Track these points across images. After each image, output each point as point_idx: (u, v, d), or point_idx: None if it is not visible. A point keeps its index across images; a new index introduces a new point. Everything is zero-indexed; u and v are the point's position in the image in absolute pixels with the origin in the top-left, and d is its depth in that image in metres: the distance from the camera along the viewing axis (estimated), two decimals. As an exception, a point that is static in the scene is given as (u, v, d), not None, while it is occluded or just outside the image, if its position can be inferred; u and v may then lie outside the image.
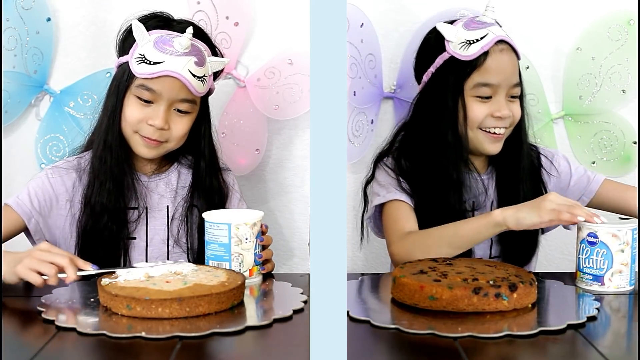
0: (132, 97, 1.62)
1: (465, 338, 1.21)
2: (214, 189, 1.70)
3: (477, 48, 1.66)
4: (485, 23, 1.70)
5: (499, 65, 1.67)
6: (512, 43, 1.70)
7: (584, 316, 1.30)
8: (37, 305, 1.35)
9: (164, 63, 1.58)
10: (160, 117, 1.60)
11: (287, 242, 2.07)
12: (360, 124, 1.98)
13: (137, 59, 1.60)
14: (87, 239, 1.64)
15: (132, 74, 1.61)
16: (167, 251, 1.69)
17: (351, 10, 1.90)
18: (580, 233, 1.47)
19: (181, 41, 1.59)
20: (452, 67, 1.69)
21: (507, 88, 1.69)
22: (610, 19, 2.00)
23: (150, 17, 1.66)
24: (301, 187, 2.05)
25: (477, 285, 1.31)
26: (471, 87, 1.68)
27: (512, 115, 1.70)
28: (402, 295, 1.36)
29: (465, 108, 1.68)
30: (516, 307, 1.32)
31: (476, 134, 1.70)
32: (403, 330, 1.24)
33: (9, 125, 1.97)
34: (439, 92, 1.71)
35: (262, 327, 1.26)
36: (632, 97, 2.02)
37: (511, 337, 1.22)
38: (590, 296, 1.42)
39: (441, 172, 1.69)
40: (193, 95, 1.62)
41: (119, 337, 1.21)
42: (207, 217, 1.49)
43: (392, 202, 1.69)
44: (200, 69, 1.61)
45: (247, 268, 1.48)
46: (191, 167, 1.72)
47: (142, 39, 1.60)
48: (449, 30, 1.70)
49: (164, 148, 1.66)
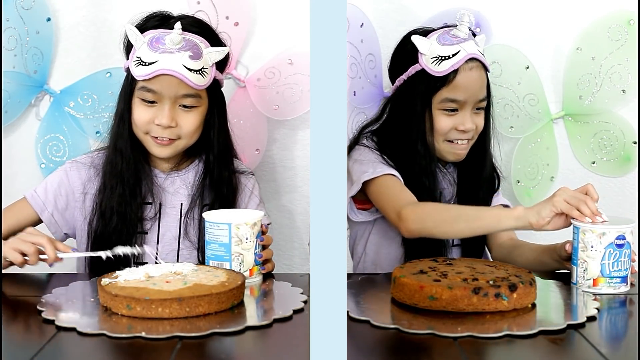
0: (137, 100, 1.64)
1: (465, 338, 1.21)
2: (222, 180, 1.70)
3: (448, 65, 1.71)
4: (458, 38, 1.73)
5: (468, 82, 1.72)
6: (482, 60, 1.74)
7: (584, 316, 1.30)
8: (37, 305, 1.35)
9: (158, 62, 1.59)
10: (166, 116, 1.62)
11: (287, 242, 2.07)
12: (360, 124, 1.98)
13: (135, 62, 1.62)
14: (97, 241, 1.65)
15: (134, 78, 1.62)
16: (177, 248, 1.69)
17: (351, 10, 1.90)
18: (603, 239, 1.44)
19: (172, 38, 1.59)
20: (423, 79, 1.74)
21: (473, 103, 1.74)
22: (610, 19, 2.00)
23: (150, 18, 1.66)
24: (301, 187, 2.06)
25: (477, 285, 1.31)
26: (439, 101, 1.73)
27: (475, 127, 1.75)
28: (402, 295, 1.36)
29: (432, 120, 1.73)
30: (516, 307, 1.32)
31: (441, 144, 1.76)
32: (403, 330, 1.24)
33: (9, 125, 1.97)
34: (409, 100, 1.76)
35: (262, 327, 1.26)
36: (632, 97, 2.02)
37: (511, 337, 1.22)
38: (590, 296, 1.42)
39: (414, 179, 1.73)
40: (194, 90, 1.62)
41: (119, 337, 1.21)
42: (207, 217, 1.49)
43: (384, 177, 1.71)
44: (196, 62, 1.61)
45: (247, 268, 1.48)
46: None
47: (137, 41, 1.62)
48: (423, 43, 1.74)
49: (178, 146, 1.66)
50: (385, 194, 1.70)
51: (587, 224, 1.45)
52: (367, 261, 1.83)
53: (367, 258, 1.82)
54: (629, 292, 1.45)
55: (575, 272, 1.47)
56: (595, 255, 1.44)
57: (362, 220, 1.80)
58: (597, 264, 1.44)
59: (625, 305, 1.41)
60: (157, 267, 1.42)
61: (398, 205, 1.64)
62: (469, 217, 1.57)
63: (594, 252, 1.44)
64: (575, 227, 1.47)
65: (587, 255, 1.45)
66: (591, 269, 1.45)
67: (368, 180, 1.71)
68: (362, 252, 1.83)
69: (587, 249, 1.45)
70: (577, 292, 1.45)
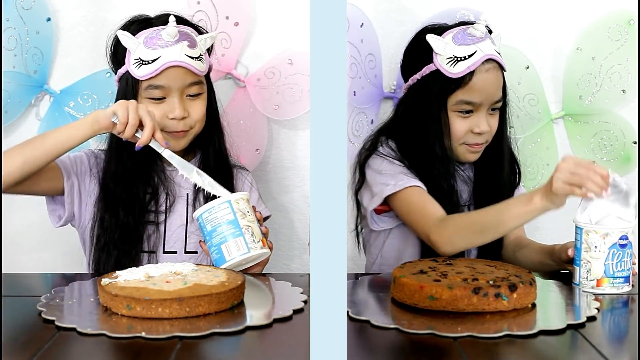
0: (144, 101, 1.65)
1: (465, 338, 1.21)
2: (222, 168, 1.73)
3: (464, 67, 1.68)
4: (475, 37, 1.69)
5: (484, 84, 1.69)
6: (498, 60, 1.70)
7: (584, 316, 1.30)
8: (37, 305, 1.35)
9: (161, 57, 1.63)
10: (178, 108, 1.65)
11: (287, 242, 2.07)
12: (360, 124, 1.98)
13: (135, 64, 1.64)
14: (100, 243, 1.67)
15: (135, 80, 1.64)
16: (185, 236, 1.71)
17: (351, 10, 1.90)
18: (606, 239, 1.44)
19: (169, 31, 1.63)
20: (438, 80, 1.71)
21: (489, 105, 1.71)
22: (610, 19, 2.00)
23: (130, 24, 1.70)
24: (301, 187, 2.06)
25: (477, 285, 1.31)
26: (454, 102, 1.70)
27: (490, 129, 1.73)
28: (402, 295, 1.36)
29: (448, 122, 1.71)
30: (516, 307, 1.32)
31: (457, 147, 1.74)
32: (403, 330, 1.24)
33: (9, 125, 1.97)
34: (423, 102, 1.73)
35: (262, 327, 1.26)
36: (632, 97, 2.02)
37: (511, 337, 1.22)
38: (590, 296, 1.42)
39: (433, 182, 1.70)
40: (198, 77, 1.67)
41: (119, 337, 1.21)
42: (202, 208, 1.49)
43: (407, 190, 1.68)
44: (194, 50, 1.66)
45: (259, 238, 1.49)
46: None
47: (131, 44, 1.65)
48: (438, 43, 1.70)
49: (190, 134, 1.70)
50: (410, 211, 1.68)
51: (590, 225, 1.44)
52: (389, 258, 1.80)
53: (387, 256, 1.80)
54: (630, 292, 1.45)
55: (578, 273, 1.47)
56: (599, 255, 1.44)
57: (383, 228, 1.78)
58: (601, 264, 1.44)
59: (625, 306, 1.41)
60: (157, 267, 1.42)
61: (425, 226, 1.62)
62: (493, 224, 1.53)
63: (597, 253, 1.44)
64: (578, 227, 1.46)
65: (591, 255, 1.45)
66: (595, 270, 1.45)
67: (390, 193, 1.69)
68: (377, 253, 1.81)
69: (590, 250, 1.45)
70: (578, 292, 1.45)
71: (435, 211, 1.64)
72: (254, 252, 1.48)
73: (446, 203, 1.67)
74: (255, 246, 1.49)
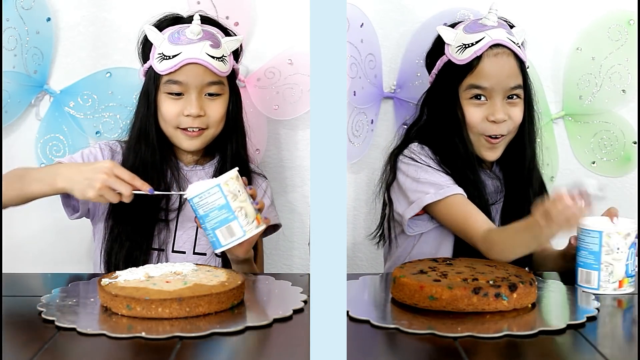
0: (163, 95, 1.68)
1: (465, 338, 1.21)
2: (232, 155, 1.73)
3: (470, 52, 1.68)
4: (485, 26, 1.70)
5: (492, 69, 1.68)
6: (511, 47, 1.70)
7: (584, 316, 1.30)
8: (37, 305, 1.35)
9: (182, 53, 1.65)
10: (194, 105, 1.66)
11: (287, 242, 2.07)
12: (360, 124, 1.98)
13: (157, 59, 1.67)
14: (116, 229, 1.68)
15: (157, 75, 1.67)
16: (195, 237, 1.71)
17: (351, 10, 1.90)
18: (627, 239, 1.43)
19: (192, 29, 1.66)
20: (450, 70, 1.72)
21: (503, 92, 1.69)
22: (610, 19, 2.00)
23: (163, 20, 1.73)
24: (301, 187, 2.06)
25: (477, 285, 1.31)
26: (464, 89, 1.70)
27: (509, 119, 1.70)
28: (402, 295, 1.36)
29: (462, 111, 1.70)
30: (516, 307, 1.32)
31: (477, 138, 1.71)
32: (403, 330, 1.24)
33: (9, 125, 1.97)
34: (439, 94, 1.74)
35: (262, 327, 1.26)
36: (632, 97, 2.02)
37: (511, 337, 1.22)
38: (590, 296, 1.42)
39: (458, 174, 1.69)
40: (218, 77, 1.68)
41: (119, 337, 1.21)
42: (191, 192, 1.46)
43: (450, 198, 1.65)
44: (217, 50, 1.67)
45: (252, 218, 1.47)
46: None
47: (157, 39, 1.67)
48: (448, 33, 1.72)
49: (207, 136, 1.70)
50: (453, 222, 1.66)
51: (612, 227, 1.43)
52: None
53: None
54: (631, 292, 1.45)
55: (597, 277, 1.44)
56: (621, 257, 1.43)
57: (417, 232, 1.75)
58: (623, 265, 1.44)
59: (625, 305, 1.41)
60: (157, 267, 1.42)
61: (472, 238, 1.60)
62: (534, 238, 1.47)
63: (620, 254, 1.43)
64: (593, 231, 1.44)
65: (614, 257, 1.43)
66: (617, 271, 1.44)
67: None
68: (405, 255, 1.76)
69: (612, 252, 1.43)
70: (578, 292, 1.45)
71: (480, 221, 1.61)
72: (250, 234, 1.47)
73: (475, 195, 1.67)
74: (250, 227, 1.47)
